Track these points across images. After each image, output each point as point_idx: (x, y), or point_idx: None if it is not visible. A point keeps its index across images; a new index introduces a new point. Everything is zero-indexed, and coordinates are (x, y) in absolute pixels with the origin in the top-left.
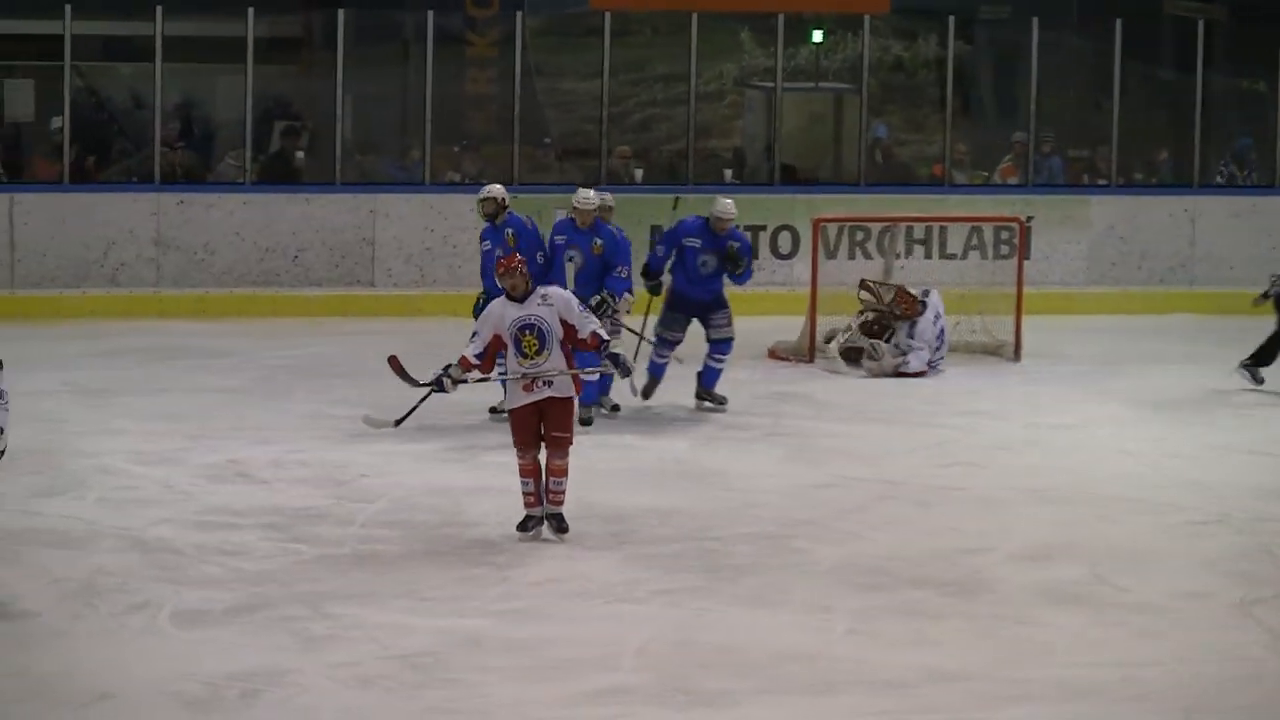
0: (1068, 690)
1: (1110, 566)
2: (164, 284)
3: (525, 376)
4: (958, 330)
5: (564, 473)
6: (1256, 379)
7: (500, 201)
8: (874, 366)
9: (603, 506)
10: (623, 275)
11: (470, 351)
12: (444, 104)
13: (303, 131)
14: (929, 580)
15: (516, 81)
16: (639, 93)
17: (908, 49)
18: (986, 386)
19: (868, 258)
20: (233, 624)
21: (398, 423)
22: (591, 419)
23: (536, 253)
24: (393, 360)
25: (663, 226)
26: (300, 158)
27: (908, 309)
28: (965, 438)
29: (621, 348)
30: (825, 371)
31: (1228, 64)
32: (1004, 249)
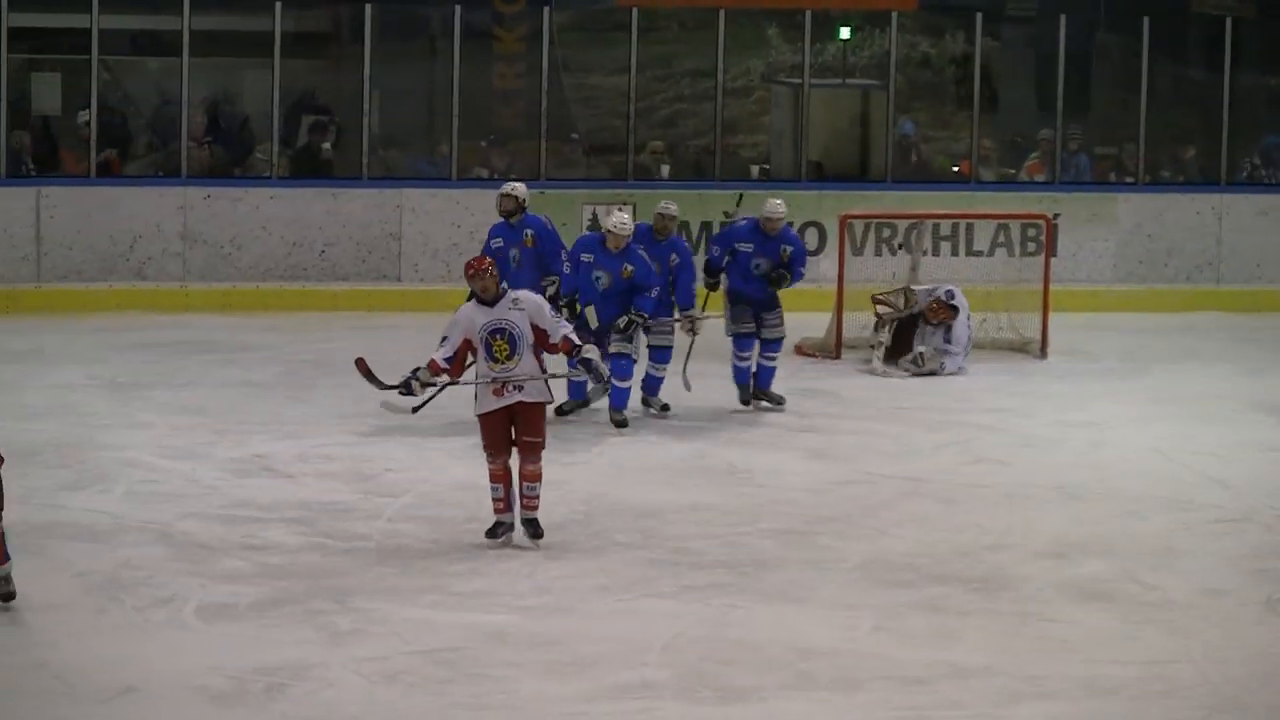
0: (1092, 687)
1: (1135, 564)
2: (190, 278)
3: (496, 381)
4: (984, 327)
5: (537, 478)
6: None
7: (520, 201)
8: (914, 369)
9: (629, 503)
10: (653, 296)
11: (439, 355)
12: (471, 99)
13: (330, 126)
14: (954, 577)
15: (544, 77)
16: (666, 88)
17: (935, 46)
18: (1012, 384)
19: (894, 254)
20: (258, 618)
21: (415, 410)
22: (625, 421)
23: (559, 253)
24: (360, 363)
25: (731, 218)
26: (328, 149)
27: (943, 316)
28: (991, 435)
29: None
30: (852, 368)
31: (1256, 62)
32: (1031, 246)
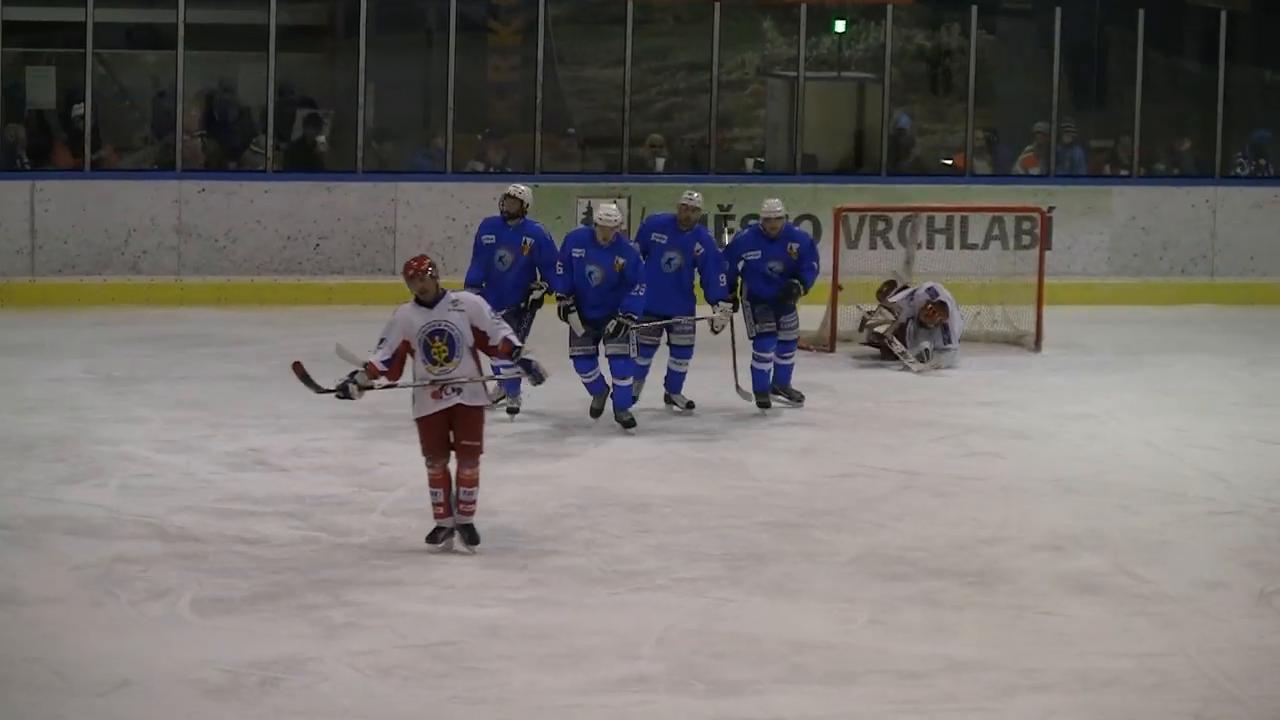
0: (1088, 680)
1: (1130, 557)
2: (185, 272)
3: (434, 383)
4: (979, 320)
5: (474, 482)
6: None
7: (524, 205)
8: (920, 368)
9: (623, 496)
10: (640, 293)
11: (377, 358)
12: (466, 92)
13: (325, 119)
14: (949, 570)
15: (539, 70)
16: (661, 81)
17: (930, 39)
18: (1007, 377)
19: (889, 247)
20: (253, 612)
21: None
22: (633, 420)
23: (555, 264)
24: (296, 366)
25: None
26: (322, 142)
27: (938, 316)
28: (986, 428)
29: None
30: (846, 361)
31: (1251, 55)
32: (1025, 239)
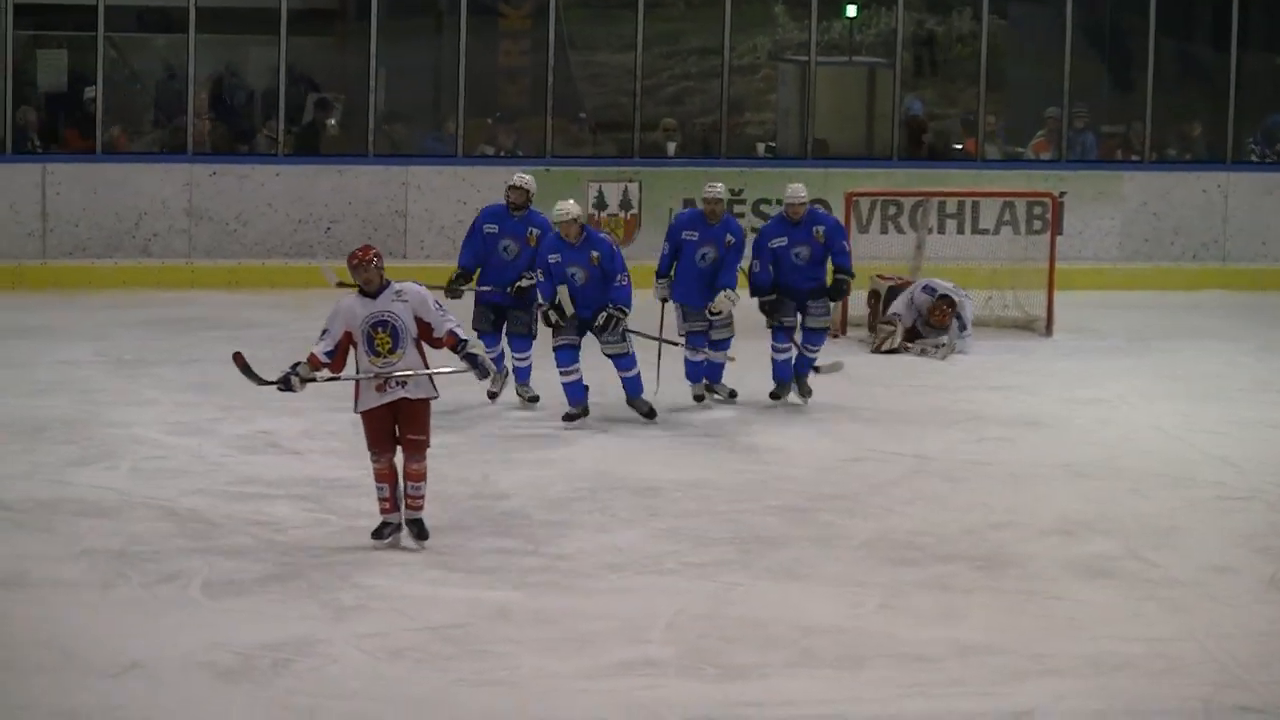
0: (1097, 665)
1: (1140, 542)
2: (196, 255)
3: (378, 376)
4: (990, 305)
5: (421, 477)
6: None
7: (530, 195)
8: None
9: (633, 479)
10: (622, 283)
11: (320, 349)
12: (477, 76)
13: (336, 103)
14: (959, 555)
15: (550, 54)
16: (672, 66)
17: (942, 23)
18: (1018, 362)
19: (900, 232)
20: (264, 594)
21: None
22: (653, 410)
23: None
24: (237, 357)
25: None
26: (332, 126)
27: (948, 312)
28: (996, 413)
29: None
30: (857, 345)
31: (1263, 40)
32: (1037, 224)
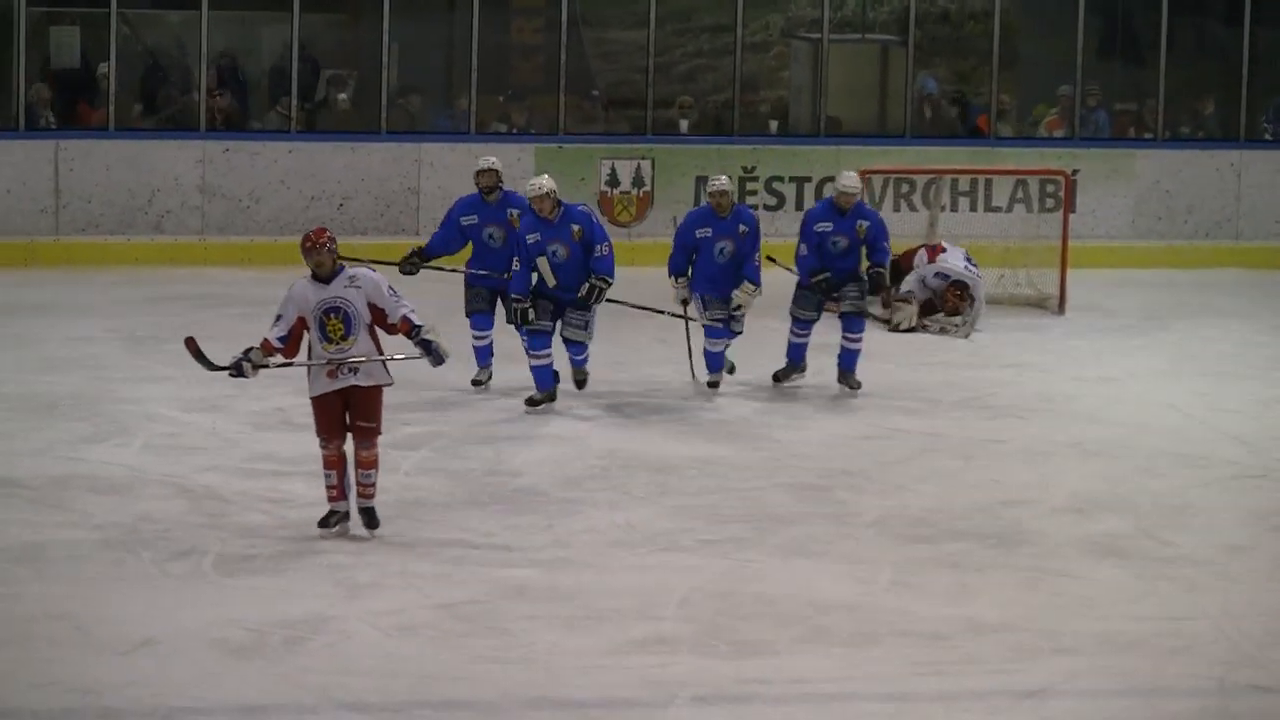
0: (1109, 643)
1: (1152, 520)
2: (209, 232)
3: (331, 362)
4: (1002, 283)
5: (373, 464)
6: None
7: (500, 175)
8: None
9: (647, 457)
10: (604, 253)
11: (273, 335)
12: (490, 53)
13: (349, 80)
14: (971, 533)
15: (563, 31)
16: (685, 43)
17: (954, 1)
18: (1030, 340)
19: (913, 210)
20: (277, 571)
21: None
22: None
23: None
24: (189, 342)
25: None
26: (343, 100)
27: (962, 295)
28: (1009, 391)
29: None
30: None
31: (1277, 17)
32: (1049, 202)
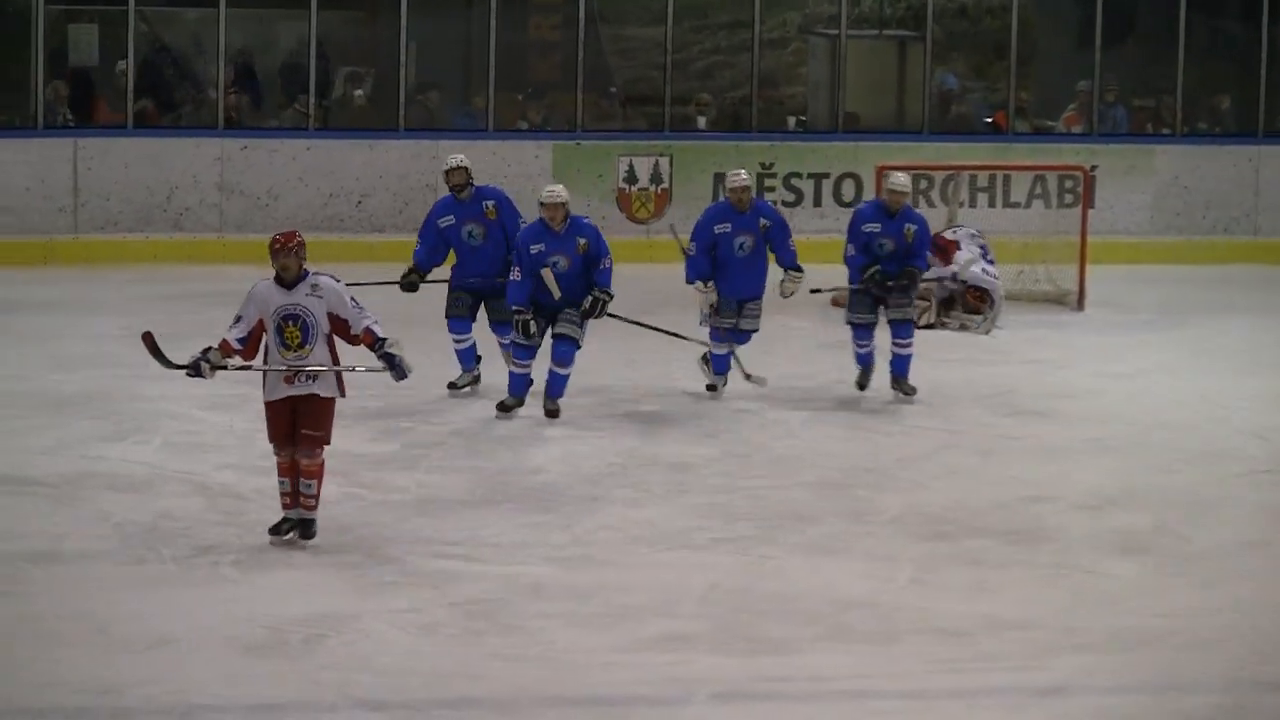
0: (1128, 640)
1: (1171, 516)
2: (227, 229)
3: (289, 368)
4: (1021, 279)
5: (314, 475)
6: None
7: (469, 171)
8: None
9: (665, 455)
10: (607, 266)
11: (232, 335)
12: (508, 50)
13: (366, 77)
14: (991, 529)
15: (581, 28)
16: (703, 39)
17: None
18: (1049, 336)
19: (931, 205)
20: (295, 569)
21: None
22: (556, 412)
23: (520, 223)
24: (146, 337)
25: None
26: (359, 96)
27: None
28: (1028, 387)
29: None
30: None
31: None
32: (1068, 198)
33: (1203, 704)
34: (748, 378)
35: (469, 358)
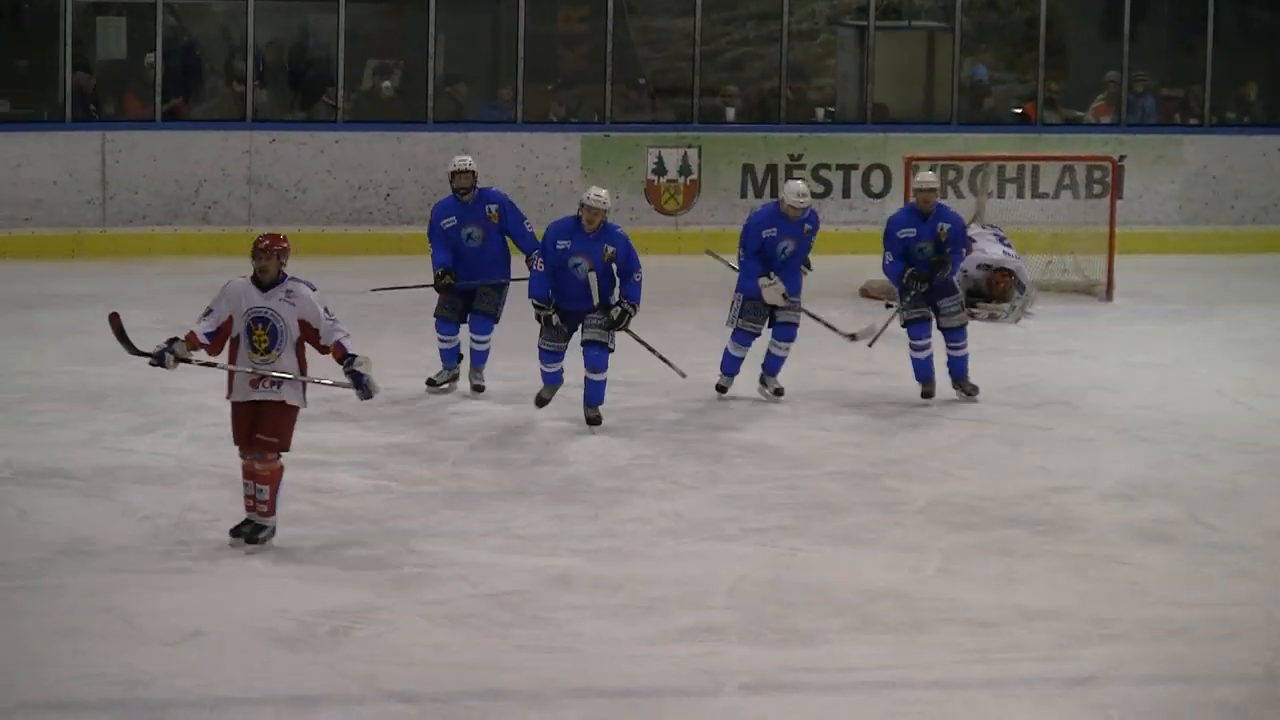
0: (1157, 629)
1: (1201, 506)
2: (256, 222)
3: (255, 372)
4: (1050, 270)
5: (266, 479)
6: None
7: (475, 174)
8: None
9: (694, 446)
10: (638, 280)
11: (201, 329)
12: (536, 42)
13: (394, 69)
14: (1020, 519)
15: (609, 19)
16: (731, 31)
17: None
18: (1078, 325)
19: (960, 196)
20: (324, 562)
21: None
22: (599, 418)
23: (523, 224)
24: (113, 318)
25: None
26: (388, 88)
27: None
28: (1057, 377)
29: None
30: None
31: None
32: (1096, 188)
33: (1234, 694)
34: (852, 338)
35: (451, 357)
